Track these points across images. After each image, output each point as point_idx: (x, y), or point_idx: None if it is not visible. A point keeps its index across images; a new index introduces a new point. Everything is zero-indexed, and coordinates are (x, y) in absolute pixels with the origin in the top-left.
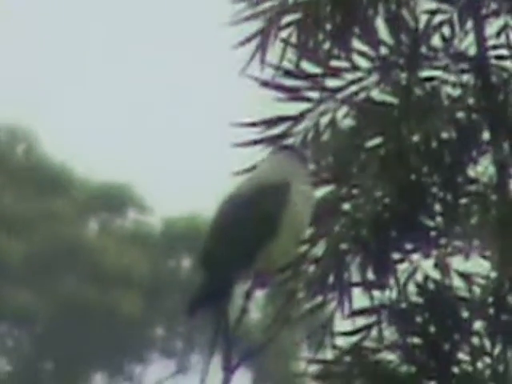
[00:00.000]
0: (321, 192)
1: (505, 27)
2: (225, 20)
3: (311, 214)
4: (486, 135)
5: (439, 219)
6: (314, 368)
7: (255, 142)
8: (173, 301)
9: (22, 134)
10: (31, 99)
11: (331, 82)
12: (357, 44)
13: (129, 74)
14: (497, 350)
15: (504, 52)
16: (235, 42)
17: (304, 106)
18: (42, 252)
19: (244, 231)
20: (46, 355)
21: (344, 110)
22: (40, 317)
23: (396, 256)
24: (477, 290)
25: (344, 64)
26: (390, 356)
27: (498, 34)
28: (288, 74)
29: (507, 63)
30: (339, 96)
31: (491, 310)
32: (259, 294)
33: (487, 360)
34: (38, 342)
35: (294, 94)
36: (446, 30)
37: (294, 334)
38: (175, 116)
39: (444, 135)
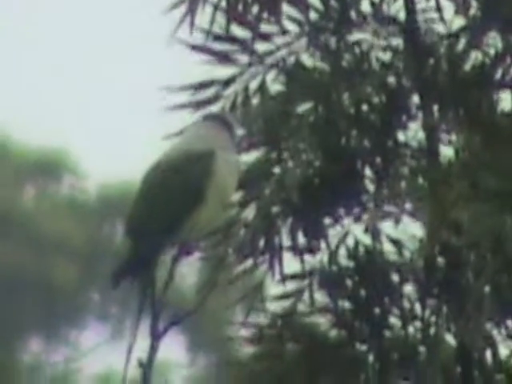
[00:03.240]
0: (251, 156)
1: None
2: None
3: (237, 182)
4: (415, 99)
5: (369, 183)
6: (247, 332)
7: (185, 106)
8: (108, 266)
9: None
10: None
11: (261, 46)
12: (286, 8)
13: (62, 35)
14: (427, 314)
15: (433, 15)
16: (165, 6)
17: (233, 70)
18: None
19: (170, 199)
20: None
21: (274, 74)
22: None
23: (327, 220)
24: (407, 254)
25: (273, 28)
26: (321, 319)
27: None
28: (217, 38)
29: (437, 27)
30: (269, 60)
31: (421, 274)
32: (195, 259)
33: (418, 324)
34: None
35: (223, 58)
36: None
37: (228, 298)
38: (107, 80)
39: (374, 99)
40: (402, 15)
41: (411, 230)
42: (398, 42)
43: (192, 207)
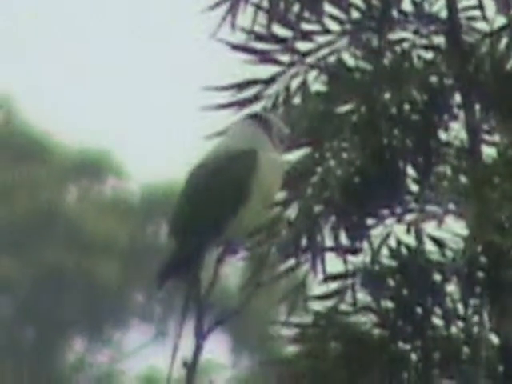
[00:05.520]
0: (293, 155)
1: None
2: None
3: (281, 181)
4: (457, 98)
5: (412, 183)
6: (290, 331)
7: (226, 106)
8: (151, 266)
9: (0, 100)
10: (9, 64)
11: (302, 46)
12: (327, 7)
13: (101, 40)
14: (470, 313)
15: (475, 13)
16: (206, 6)
17: (275, 69)
18: (21, 219)
19: (213, 199)
20: (27, 322)
21: (315, 72)
22: (20, 284)
23: (370, 221)
24: (449, 253)
25: (314, 27)
26: (364, 319)
27: None
28: (258, 37)
29: (479, 25)
30: (310, 59)
31: (464, 273)
32: (238, 258)
33: (460, 323)
34: (18, 309)
35: (264, 57)
36: None
37: (271, 297)
38: (149, 81)
39: (416, 99)
40: (443, 14)
41: (454, 229)
42: (439, 40)
43: (235, 206)
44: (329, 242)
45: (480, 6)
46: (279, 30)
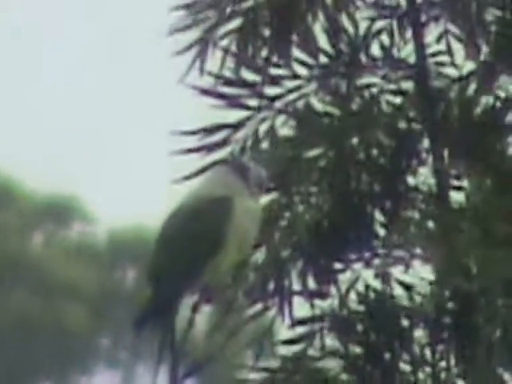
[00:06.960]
0: (262, 200)
1: (445, 33)
2: (164, 28)
3: (257, 228)
4: (426, 144)
5: (380, 228)
6: (258, 376)
7: (194, 150)
8: (118, 311)
9: None
10: None
11: (270, 90)
12: (296, 52)
13: (68, 83)
14: (437, 359)
15: (444, 59)
16: (174, 51)
17: (243, 114)
18: None
19: (189, 245)
20: None
21: (283, 117)
22: None
23: (337, 265)
24: (417, 298)
25: (283, 72)
26: (332, 363)
27: (439, 41)
28: (227, 82)
29: (448, 70)
30: (278, 104)
31: (431, 319)
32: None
33: (428, 369)
34: None
35: (232, 102)
36: (385, 39)
37: (238, 342)
38: (116, 125)
39: (384, 144)
40: (412, 59)
41: (422, 273)
42: (408, 85)
43: (212, 252)
44: (296, 287)
45: (449, 52)
46: (247, 75)
